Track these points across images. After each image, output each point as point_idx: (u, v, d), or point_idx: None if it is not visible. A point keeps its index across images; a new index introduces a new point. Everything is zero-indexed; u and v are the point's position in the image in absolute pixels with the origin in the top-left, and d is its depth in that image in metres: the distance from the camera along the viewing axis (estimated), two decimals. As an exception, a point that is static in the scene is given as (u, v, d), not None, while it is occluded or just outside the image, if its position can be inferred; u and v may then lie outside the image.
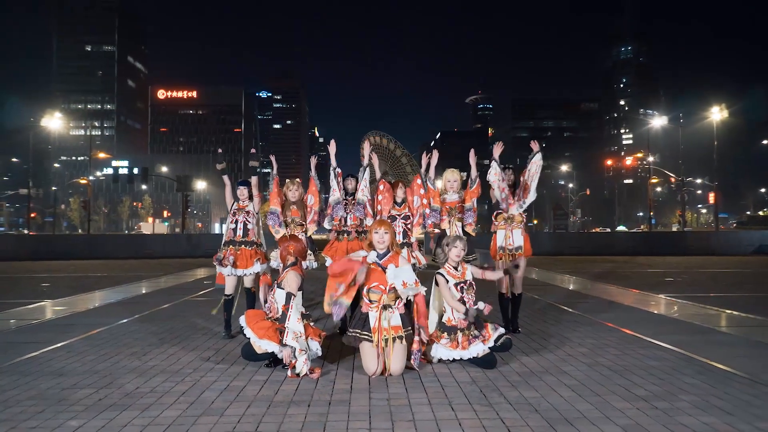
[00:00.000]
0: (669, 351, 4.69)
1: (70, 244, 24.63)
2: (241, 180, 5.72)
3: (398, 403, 3.33)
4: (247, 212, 5.54)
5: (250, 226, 5.54)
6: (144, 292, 9.61)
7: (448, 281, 4.36)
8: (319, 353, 4.26)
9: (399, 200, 5.69)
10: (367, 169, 5.71)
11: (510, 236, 5.49)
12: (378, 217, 5.42)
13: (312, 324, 4.36)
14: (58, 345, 5.05)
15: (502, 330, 4.29)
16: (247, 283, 5.57)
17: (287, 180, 5.98)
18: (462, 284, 4.38)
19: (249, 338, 4.20)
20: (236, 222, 5.53)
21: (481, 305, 4.31)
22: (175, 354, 4.69)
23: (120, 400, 3.40)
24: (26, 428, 2.94)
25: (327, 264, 5.69)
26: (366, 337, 4.05)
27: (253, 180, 5.65)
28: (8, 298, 8.72)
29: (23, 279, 12.56)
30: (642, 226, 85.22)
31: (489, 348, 4.14)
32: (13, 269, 15.31)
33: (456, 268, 4.43)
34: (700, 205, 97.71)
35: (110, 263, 17.71)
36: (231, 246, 5.42)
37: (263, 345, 4.14)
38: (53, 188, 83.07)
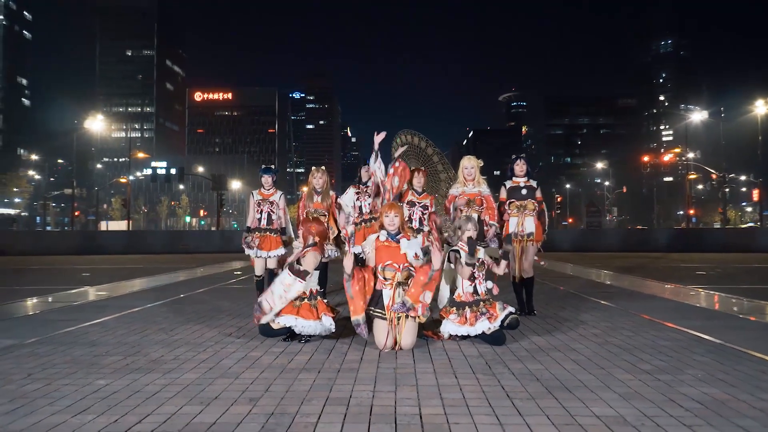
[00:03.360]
0: (682, 333, 4.67)
1: (110, 240, 25.69)
2: (265, 167, 5.93)
3: (404, 371, 3.46)
4: (271, 203, 5.78)
5: (274, 217, 5.80)
6: (176, 281, 10.00)
7: (461, 256, 4.47)
8: (333, 329, 4.43)
9: (420, 189, 5.81)
10: (378, 154, 5.83)
11: (522, 223, 5.57)
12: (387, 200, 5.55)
13: (326, 301, 4.54)
14: (93, 322, 5.37)
15: (510, 309, 4.36)
16: (270, 264, 5.83)
17: (312, 168, 6.18)
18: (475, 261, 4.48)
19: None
20: (261, 212, 5.79)
21: (489, 284, 4.41)
22: (199, 330, 4.94)
23: (145, 365, 3.64)
24: (60, 385, 3.20)
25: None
26: (379, 314, 4.19)
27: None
28: (51, 285, 9.23)
29: (66, 270, 13.21)
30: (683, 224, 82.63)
31: (495, 326, 4.22)
32: (58, 262, 16.11)
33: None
34: (744, 203, 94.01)
35: (147, 257, 18.39)
36: (257, 233, 5.74)
37: (281, 320, 4.34)
38: (96, 188, 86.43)
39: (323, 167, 6.24)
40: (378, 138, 5.83)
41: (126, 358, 3.85)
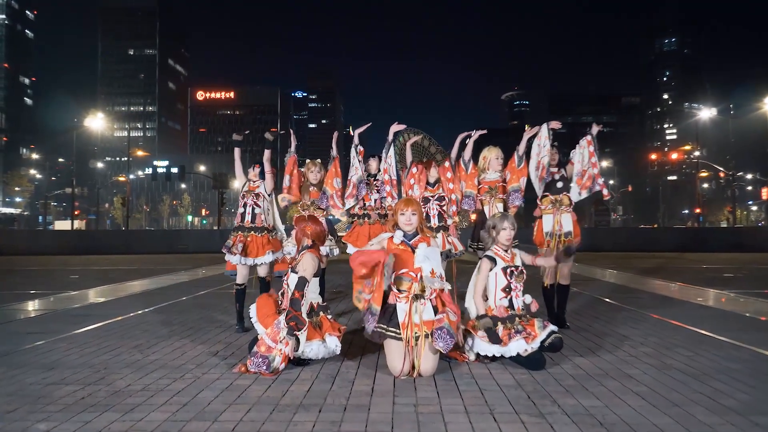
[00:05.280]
0: (750, 352, 3.95)
1: (108, 240, 25.12)
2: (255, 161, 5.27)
3: (427, 410, 2.75)
4: (257, 195, 5.05)
5: (257, 211, 5.00)
6: (168, 284, 9.31)
7: (496, 264, 3.76)
8: (338, 351, 3.72)
9: (432, 180, 5.17)
10: (392, 146, 5.18)
11: (559, 221, 4.85)
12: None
13: (330, 317, 3.83)
14: (63, 336, 4.69)
15: (552, 328, 3.63)
16: (261, 272, 5.09)
17: (308, 161, 5.55)
18: (512, 269, 3.78)
19: (258, 333, 3.70)
20: (245, 206, 5.05)
21: (528, 299, 3.70)
22: (182, 348, 4.24)
23: (105, 399, 2.94)
24: (-13, 431, 2.51)
25: (349, 251, 5.18)
26: (393, 333, 3.47)
27: (266, 154, 5.14)
28: (34, 289, 8.56)
29: (56, 271, 12.53)
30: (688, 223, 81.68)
31: (533, 347, 3.51)
32: (51, 262, 15.44)
33: (506, 251, 3.83)
34: (750, 202, 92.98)
35: (144, 258, 17.72)
36: (240, 232, 4.96)
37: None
38: (97, 188, 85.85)
39: (319, 160, 5.59)
40: (394, 128, 5.19)
41: (84, 388, 3.15)
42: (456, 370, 3.50)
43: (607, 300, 6.84)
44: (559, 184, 4.93)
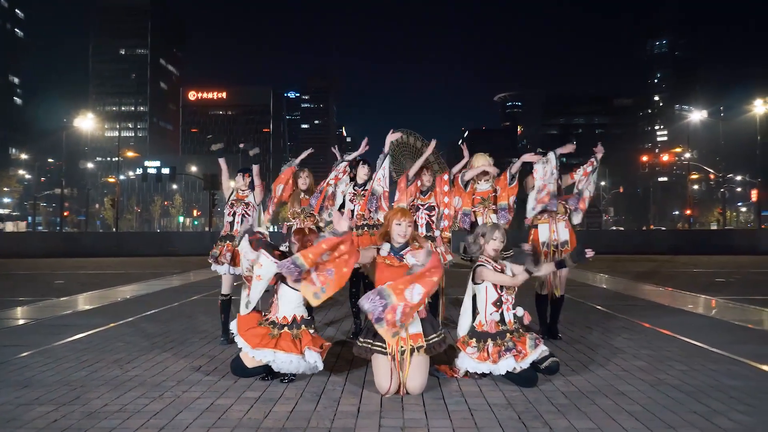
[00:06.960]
0: (747, 367, 3.88)
1: (96, 243, 24.83)
2: (242, 167, 5.15)
3: (415, 433, 2.65)
4: (247, 204, 4.94)
5: (250, 220, 4.91)
6: (155, 290, 9.15)
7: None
8: (319, 367, 3.58)
9: (424, 189, 5.04)
10: (387, 158, 5.03)
11: (555, 230, 4.75)
12: (396, 206, 4.74)
13: (312, 331, 3.70)
14: (40, 349, 4.54)
15: (543, 348, 3.53)
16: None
17: (297, 169, 5.44)
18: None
19: (240, 348, 3.59)
20: (234, 215, 4.93)
21: (519, 312, 3.61)
22: (163, 362, 4.11)
23: (78, 422, 2.81)
24: (-51, 460, 2.38)
25: None
26: (379, 348, 3.37)
27: (255, 168, 5.03)
28: (16, 296, 8.38)
29: (41, 276, 12.32)
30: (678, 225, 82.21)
31: (522, 366, 3.40)
32: (38, 266, 15.20)
33: (496, 261, 3.72)
34: (739, 203, 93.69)
35: (133, 260, 17.53)
36: (228, 242, 4.82)
37: (258, 356, 3.51)
38: (87, 188, 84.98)
39: (306, 169, 5.49)
40: (390, 137, 5.05)
41: (58, 409, 3.02)
42: (445, 388, 3.40)
43: (600, 308, 6.77)
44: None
